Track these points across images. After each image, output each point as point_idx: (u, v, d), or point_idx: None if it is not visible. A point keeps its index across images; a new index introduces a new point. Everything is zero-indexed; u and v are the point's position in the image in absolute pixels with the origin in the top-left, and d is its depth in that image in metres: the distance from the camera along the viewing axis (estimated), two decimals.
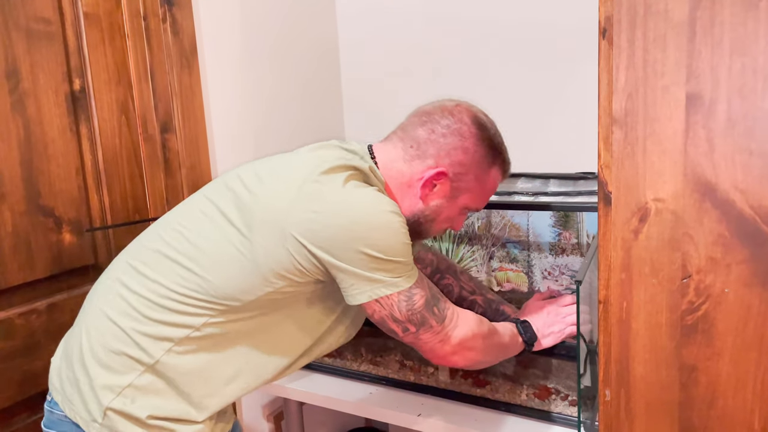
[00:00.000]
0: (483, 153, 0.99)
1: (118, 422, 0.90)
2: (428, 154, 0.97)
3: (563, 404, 1.15)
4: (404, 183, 0.98)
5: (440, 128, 0.97)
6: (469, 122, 0.98)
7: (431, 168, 0.97)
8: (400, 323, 0.92)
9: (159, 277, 0.91)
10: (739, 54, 0.66)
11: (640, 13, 0.70)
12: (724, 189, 0.69)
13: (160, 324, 0.90)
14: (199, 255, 0.90)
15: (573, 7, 1.48)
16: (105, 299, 0.95)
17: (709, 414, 0.75)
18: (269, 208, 0.88)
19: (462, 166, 0.98)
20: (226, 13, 1.46)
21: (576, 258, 1.48)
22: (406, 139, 0.99)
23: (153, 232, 0.99)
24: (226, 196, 0.93)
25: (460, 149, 0.97)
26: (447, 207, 1.01)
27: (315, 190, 0.87)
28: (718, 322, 0.73)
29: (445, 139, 0.97)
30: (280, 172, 0.93)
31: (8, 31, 1.13)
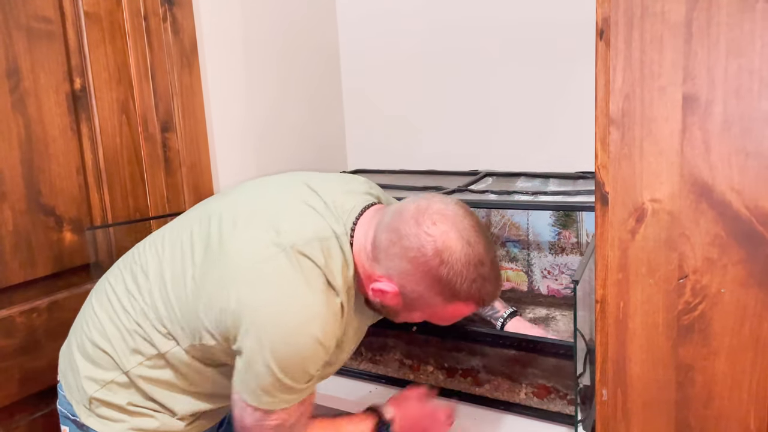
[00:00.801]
0: (437, 291, 0.87)
1: (100, 408, 0.94)
2: (383, 264, 0.88)
3: (562, 403, 1.15)
4: (365, 274, 0.91)
5: (398, 248, 0.86)
6: (431, 254, 0.84)
7: (382, 280, 0.88)
8: (242, 426, 0.89)
9: (135, 296, 0.95)
10: (735, 55, 0.67)
11: (637, 15, 0.70)
12: (721, 190, 0.70)
13: (135, 336, 0.93)
14: (163, 284, 0.93)
15: (573, 7, 1.48)
16: (99, 299, 0.99)
17: (705, 413, 0.76)
18: (218, 270, 0.87)
19: (413, 293, 0.88)
20: (226, 12, 1.47)
21: (575, 257, 1.48)
22: (376, 235, 0.89)
23: (149, 241, 1.01)
24: (204, 230, 0.93)
25: (411, 277, 0.86)
26: (402, 313, 0.94)
27: (263, 277, 0.84)
28: (715, 322, 0.73)
29: (400, 261, 0.86)
30: (251, 231, 0.89)
31: (9, 29, 1.13)
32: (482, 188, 1.38)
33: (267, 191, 0.98)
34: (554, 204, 1.23)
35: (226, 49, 1.47)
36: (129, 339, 0.93)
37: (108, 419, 0.94)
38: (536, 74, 1.57)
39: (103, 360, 0.94)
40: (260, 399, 0.85)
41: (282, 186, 0.98)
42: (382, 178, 1.59)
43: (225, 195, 1.02)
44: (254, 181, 1.04)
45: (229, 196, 1.01)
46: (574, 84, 1.51)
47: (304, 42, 1.73)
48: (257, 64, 1.55)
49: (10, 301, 1.16)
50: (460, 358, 1.26)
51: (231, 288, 0.85)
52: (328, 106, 1.84)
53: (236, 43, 1.49)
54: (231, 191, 1.03)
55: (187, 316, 0.90)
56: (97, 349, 0.95)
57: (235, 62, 1.50)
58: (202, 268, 0.89)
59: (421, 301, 0.89)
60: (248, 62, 1.53)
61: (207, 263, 0.89)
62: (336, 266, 0.87)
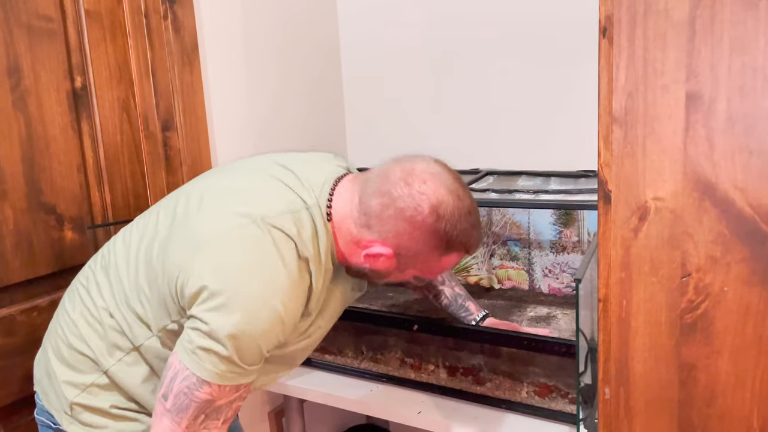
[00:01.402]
0: (434, 244, 0.90)
1: (83, 414, 0.94)
2: (375, 229, 0.89)
3: (563, 402, 1.15)
4: (352, 242, 0.92)
5: (393, 209, 0.88)
6: (427, 211, 0.87)
7: (376, 243, 0.90)
8: (168, 389, 0.84)
9: (107, 291, 0.95)
10: (739, 53, 0.66)
11: (641, 12, 0.70)
12: (724, 188, 0.69)
13: (110, 332, 0.93)
14: (134, 268, 0.93)
15: (575, 5, 1.48)
16: (71, 301, 0.99)
17: (708, 412, 0.75)
18: (182, 243, 0.87)
19: (409, 251, 0.91)
20: (227, 10, 1.46)
21: (577, 256, 1.48)
22: (363, 201, 0.90)
23: (119, 236, 1.01)
24: (170, 211, 0.94)
25: (409, 236, 0.89)
26: (395, 274, 0.95)
27: (232, 244, 0.84)
28: (717, 321, 0.73)
29: (396, 222, 0.88)
30: (218, 206, 0.89)
31: (10, 28, 1.13)
32: (483, 187, 1.38)
33: (236, 171, 0.99)
34: (555, 203, 1.22)
35: (226, 46, 1.47)
36: (105, 336, 0.93)
37: (91, 426, 0.94)
38: (538, 72, 1.57)
39: (82, 363, 0.94)
40: (201, 365, 0.81)
41: (251, 165, 0.99)
42: None
43: (194, 179, 1.02)
44: (224, 164, 1.05)
45: (197, 179, 1.01)
46: (575, 82, 1.51)
47: (305, 39, 1.72)
48: (258, 62, 1.55)
49: (11, 300, 1.16)
50: (461, 357, 1.26)
51: (197, 255, 0.83)
52: (328, 103, 1.84)
53: (237, 40, 1.49)
54: (201, 176, 1.04)
55: (157, 295, 0.89)
56: (74, 351, 0.94)
57: (236, 60, 1.50)
58: (167, 244, 0.89)
59: (418, 257, 0.92)
60: (249, 60, 1.52)
61: (172, 237, 0.89)
62: (307, 237, 0.87)
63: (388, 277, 0.96)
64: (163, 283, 0.87)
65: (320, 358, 1.42)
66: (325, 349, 1.43)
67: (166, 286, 0.87)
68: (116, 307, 0.93)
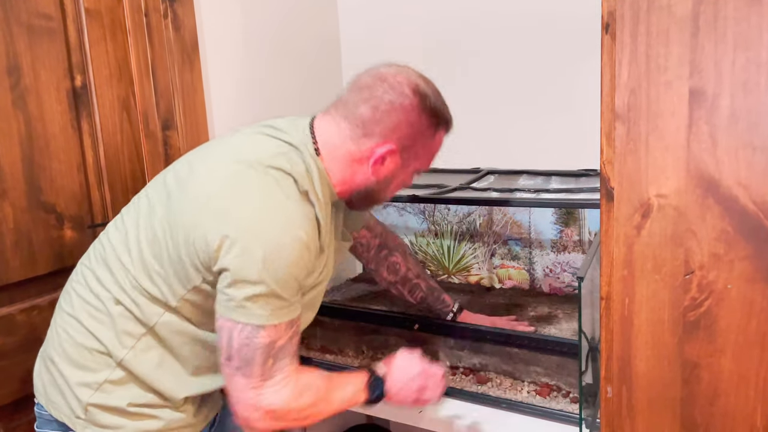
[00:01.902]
0: (427, 122, 0.98)
1: (99, 415, 0.92)
2: (375, 132, 0.95)
3: (564, 401, 1.15)
4: (355, 161, 0.97)
5: (383, 105, 0.94)
6: (411, 94, 0.95)
7: (380, 145, 0.95)
8: (229, 350, 0.86)
9: (109, 281, 0.93)
10: (742, 49, 0.66)
11: (643, 8, 0.70)
12: (727, 185, 0.69)
13: (120, 319, 0.92)
14: (137, 251, 0.92)
15: (576, 2, 1.47)
16: (69, 302, 0.97)
17: (711, 411, 0.75)
18: (186, 206, 0.88)
19: (409, 138, 0.97)
20: (227, 9, 1.46)
21: (578, 255, 1.48)
22: (350, 117, 0.96)
23: (109, 228, 1.00)
24: (160, 189, 0.95)
25: (405, 123, 0.96)
26: (399, 175, 1.01)
27: (236, 190, 0.86)
28: (721, 319, 0.72)
29: (390, 115, 0.95)
30: (209, 163, 0.93)
31: (9, 26, 1.12)
32: (484, 186, 1.38)
33: (216, 141, 1.03)
34: (556, 202, 1.22)
35: (227, 45, 1.47)
36: (114, 325, 0.92)
37: (107, 427, 0.92)
38: (538, 71, 1.56)
39: (92, 359, 0.92)
40: (250, 313, 0.84)
41: (232, 133, 1.03)
42: None
43: (170, 165, 1.04)
44: None
45: (175, 162, 1.02)
46: (576, 81, 1.51)
47: (305, 38, 1.72)
48: (258, 61, 1.55)
49: (11, 299, 1.16)
50: (462, 356, 1.25)
51: (205, 211, 0.86)
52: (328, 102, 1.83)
53: (237, 39, 1.49)
54: (176, 161, 1.04)
55: (171, 267, 0.89)
56: (83, 349, 0.93)
57: (236, 59, 1.50)
58: (169, 214, 0.90)
59: (417, 143, 0.99)
60: (249, 58, 1.52)
61: (173, 207, 0.90)
62: (301, 172, 0.91)
63: (394, 182, 1.02)
64: (177, 254, 0.88)
65: (321, 358, 1.42)
66: (326, 349, 1.42)
67: (185, 255, 0.87)
68: (122, 293, 0.92)
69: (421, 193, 1.33)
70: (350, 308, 1.41)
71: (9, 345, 1.14)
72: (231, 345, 0.86)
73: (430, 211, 1.65)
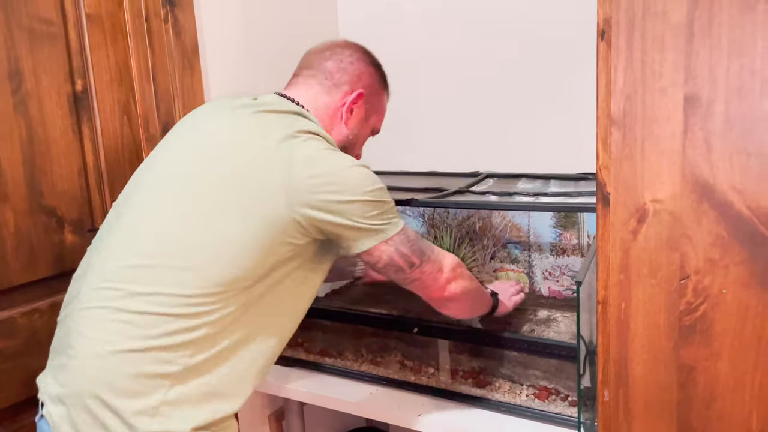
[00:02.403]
0: (379, 77, 1.14)
1: None
2: (343, 81, 1.08)
3: (563, 405, 1.15)
4: (330, 114, 1.07)
5: (346, 58, 1.09)
6: (363, 51, 1.13)
7: (349, 93, 1.08)
8: (406, 258, 0.98)
9: (158, 288, 0.87)
10: (737, 55, 0.67)
11: (639, 15, 0.70)
12: (722, 190, 0.70)
13: (177, 333, 0.86)
14: (190, 250, 0.89)
15: (574, 7, 1.48)
16: (100, 332, 0.88)
17: (707, 414, 0.75)
18: (263, 179, 0.90)
19: (370, 88, 1.11)
20: (227, 13, 1.47)
21: (577, 258, 1.48)
22: (317, 75, 1.08)
23: (115, 249, 0.93)
24: (190, 179, 0.93)
25: (367, 73, 1.11)
26: (363, 128, 1.13)
27: (306, 156, 0.92)
28: (716, 323, 0.73)
29: (353, 66, 1.09)
30: (257, 140, 0.94)
31: (11, 31, 1.13)
32: (483, 189, 1.38)
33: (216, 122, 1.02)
34: (555, 205, 1.23)
35: (227, 50, 1.47)
36: (168, 341, 0.86)
37: None
38: (537, 75, 1.57)
39: (143, 385, 0.85)
40: (389, 227, 0.96)
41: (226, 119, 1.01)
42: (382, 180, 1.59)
43: (158, 152, 1.02)
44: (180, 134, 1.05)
45: (166, 147, 1.02)
46: (575, 85, 1.51)
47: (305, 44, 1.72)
48: (258, 66, 1.55)
49: (12, 302, 1.16)
50: (461, 360, 1.26)
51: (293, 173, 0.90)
52: None
53: (238, 44, 1.50)
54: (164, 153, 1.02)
55: (245, 248, 0.89)
56: (132, 379, 0.85)
57: (237, 64, 1.50)
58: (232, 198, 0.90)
59: (375, 93, 1.13)
60: (249, 64, 1.53)
61: (232, 191, 0.90)
62: (321, 132, 0.99)
63: (359, 137, 1.13)
64: (272, 226, 0.89)
65: (320, 361, 1.43)
66: (325, 352, 1.43)
67: (283, 219, 0.90)
68: (183, 302, 0.87)
69: (421, 196, 1.34)
70: (349, 311, 1.41)
71: (10, 348, 1.14)
72: (404, 254, 0.97)
73: (430, 214, 1.65)
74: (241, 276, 0.89)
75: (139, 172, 1.02)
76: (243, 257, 0.89)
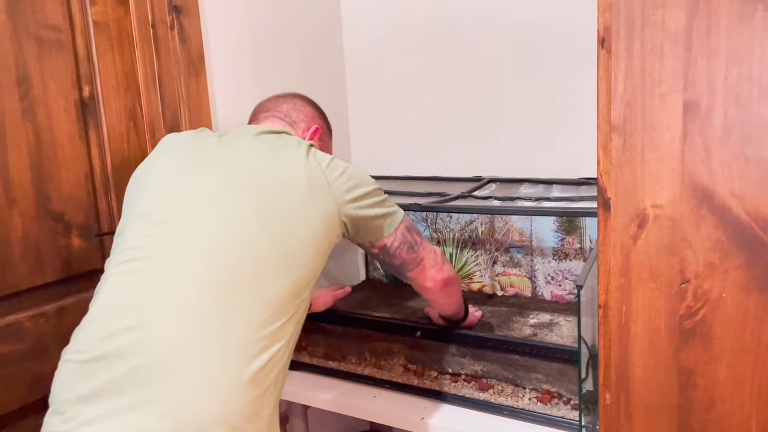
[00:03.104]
0: (327, 122, 1.25)
1: None
2: (300, 119, 1.18)
3: (566, 408, 1.16)
4: (303, 137, 1.16)
5: (298, 102, 1.20)
6: (311, 101, 1.24)
7: (307, 130, 1.18)
8: (413, 234, 1.08)
9: (254, 302, 0.85)
10: (735, 63, 0.68)
11: (638, 24, 0.71)
12: (721, 195, 0.71)
13: (266, 350, 0.85)
14: (288, 253, 0.90)
15: (576, 14, 1.49)
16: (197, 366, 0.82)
17: (707, 417, 0.76)
18: (312, 185, 0.96)
19: (322, 128, 1.21)
20: (233, 20, 1.48)
21: (579, 263, 1.49)
22: (276, 114, 1.17)
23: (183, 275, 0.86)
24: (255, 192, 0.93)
25: (318, 116, 1.22)
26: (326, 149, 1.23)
27: (327, 160, 1.00)
28: (716, 327, 0.74)
29: (306, 108, 1.20)
30: (287, 154, 1.00)
31: (19, 38, 1.15)
32: (486, 194, 1.39)
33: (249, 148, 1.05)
34: (557, 210, 1.23)
35: (232, 57, 1.49)
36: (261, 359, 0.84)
37: None
38: (539, 80, 1.58)
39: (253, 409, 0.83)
40: (391, 204, 1.07)
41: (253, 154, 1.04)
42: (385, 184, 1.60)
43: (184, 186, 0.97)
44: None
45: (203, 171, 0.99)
46: (577, 90, 1.52)
47: (310, 49, 1.74)
48: (264, 72, 1.57)
49: (19, 306, 1.17)
50: (463, 363, 1.26)
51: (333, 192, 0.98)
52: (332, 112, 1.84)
53: (243, 51, 1.51)
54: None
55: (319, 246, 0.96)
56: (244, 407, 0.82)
57: (242, 70, 1.52)
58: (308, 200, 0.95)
59: (326, 133, 1.24)
60: (255, 70, 1.54)
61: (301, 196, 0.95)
62: None
63: None
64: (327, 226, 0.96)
65: (324, 364, 1.43)
66: (328, 356, 1.44)
67: (333, 220, 0.97)
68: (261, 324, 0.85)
69: (423, 201, 1.35)
70: (353, 315, 1.42)
71: (17, 352, 1.15)
72: (409, 239, 1.07)
73: (432, 218, 1.66)
74: (311, 277, 0.95)
75: (164, 197, 0.96)
76: (315, 259, 0.95)
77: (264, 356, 0.84)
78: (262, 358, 0.84)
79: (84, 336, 0.85)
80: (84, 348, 0.83)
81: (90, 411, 0.79)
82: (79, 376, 0.81)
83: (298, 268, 0.91)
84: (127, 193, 1.06)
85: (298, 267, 0.91)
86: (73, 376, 0.82)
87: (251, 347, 0.83)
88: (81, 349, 0.83)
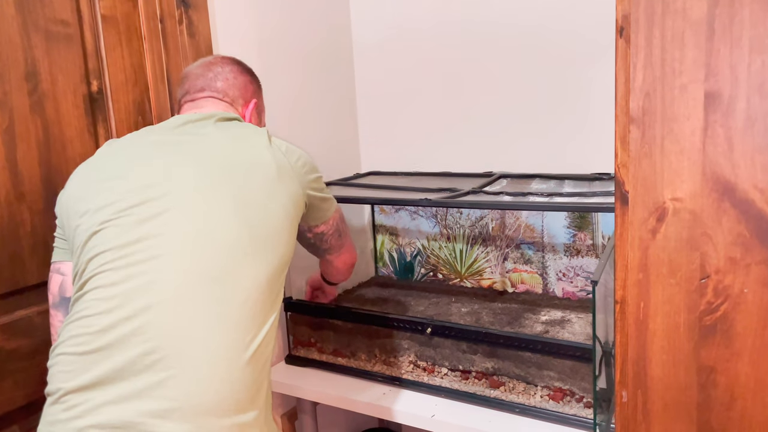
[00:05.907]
0: (256, 81, 1.20)
1: None
2: (236, 96, 1.13)
3: (578, 406, 1.14)
4: (243, 116, 1.15)
5: (228, 73, 1.13)
6: (237, 62, 1.17)
7: (246, 106, 1.15)
8: (343, 221, 1.21)
9: (247, 284, 0.88)
10: (758, 52, 0.66)
11: (658, 12, 0.70)
12: (744, 188, 0.69)
13: (261, 327, 0.89)
14: (271, 235, 0.94)
15: (589, 7, 1.47)
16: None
17: (727, 415, 0.74)
18: (280, 169, 0.98)
19: (255, 93, 1.19)
20: (241, 15, 1.47)
21: (591, 259, 1.47)
22: (213, 95, 1.11)
23: (178, 264, 0.87)
24: (232, 181, 0.93)
25: (248, 82, 1.17)
26: (261, 123, 1.23)
27: (284, 145, 1.03)
28: (737, 323, 0.72)
29: (237, 80, 1.14)
30: (252, 143, 1.01)
31: (28, 33, 1.14)
32: (497, 190, 1.38)
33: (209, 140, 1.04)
34: (569, 205, 1.22)
35: (241, 51, 1.48)
36: (253, 346, 0.88)
37: None
38: (551, 75, 1.56)
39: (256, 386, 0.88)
40: (330, 205, 1.15)
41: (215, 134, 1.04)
42: (395, 180, 1.59)
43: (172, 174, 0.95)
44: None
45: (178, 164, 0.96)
46: (589, 85, 1.51)
47: (319, 45, 1.73)
48: (272, 68, 1.56)
49: (28, 302, 1.17)
50: (474, 360, 1.25)
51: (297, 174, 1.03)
52: (342, 108, 1.84)
53: (251, 46, 1.50)
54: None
55: (289, 229, 0.99)
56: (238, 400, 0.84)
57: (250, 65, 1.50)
58: (278, 186, 0.98)
59: (259, 94, 1.21)
60: (263, 65, 1.53)
61: (273, 181, 0.97)
62: None
63: None
64: (296, 206, 1.00)
65: (333, 361, 1.42)
66: (338, 352, 1.43)
67: (300, 199, 1.02)
68: (255, 304, 0.89)
69: (434, 196, 1.33)
70: (363, 312, 1.41)
71: (26, 347, 1.15)
72: (336, 229, 1.19)
73: (443, 214, 1.65)
74: (291, 255, 0.99)
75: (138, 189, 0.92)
76: (291, 238, 0.99)
77: (260, 334, 0.89)
78: (260, 336, 0.89)
79: (81, 329, 0.85)
80: (83, 340, 0.84)
81: (95, 398, 0.81)
82: (80, 368, 0.83)
83: (281, 246, 0.95)
84: (66, 201, 0.96)
85: (281, 246, 0.96)
86: (74, 368, 0.83)
87: (249, 327, 0.87)
88: (80, 341, 0.84)
